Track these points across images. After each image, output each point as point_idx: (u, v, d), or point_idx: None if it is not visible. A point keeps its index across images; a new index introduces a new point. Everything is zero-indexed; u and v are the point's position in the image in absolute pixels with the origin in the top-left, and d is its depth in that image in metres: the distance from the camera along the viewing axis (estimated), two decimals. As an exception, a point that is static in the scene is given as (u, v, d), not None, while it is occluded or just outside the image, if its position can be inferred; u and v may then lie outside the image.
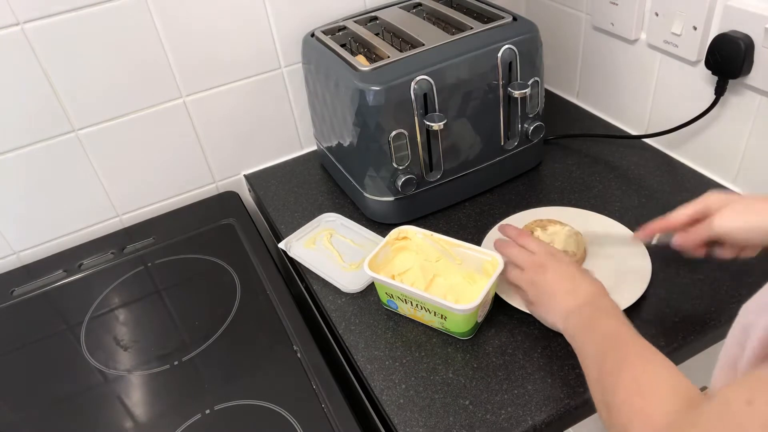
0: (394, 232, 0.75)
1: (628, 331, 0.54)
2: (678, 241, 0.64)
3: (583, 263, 0.74)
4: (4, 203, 0.88)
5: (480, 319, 0.69)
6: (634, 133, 0.98)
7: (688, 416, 0.40)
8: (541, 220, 0.78)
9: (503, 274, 0.69)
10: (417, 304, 0.69)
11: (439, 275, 0.73)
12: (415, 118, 0.77)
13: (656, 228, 0.66)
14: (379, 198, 0.84)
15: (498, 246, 0.71)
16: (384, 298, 0.73)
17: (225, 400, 0.67)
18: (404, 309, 0.72)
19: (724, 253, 0.63)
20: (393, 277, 0.72)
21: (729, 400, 0.36)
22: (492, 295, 0.70)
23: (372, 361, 0.68)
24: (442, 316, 0.67)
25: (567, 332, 0.61)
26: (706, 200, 0.62)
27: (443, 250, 0.74)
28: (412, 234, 0.76)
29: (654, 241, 0.68)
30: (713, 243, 0.63)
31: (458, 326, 0.67)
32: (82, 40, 0.81)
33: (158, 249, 0.91)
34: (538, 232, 0.75)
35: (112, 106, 0.88)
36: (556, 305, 0.63)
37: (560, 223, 0.76)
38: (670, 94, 0.89)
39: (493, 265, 0.69)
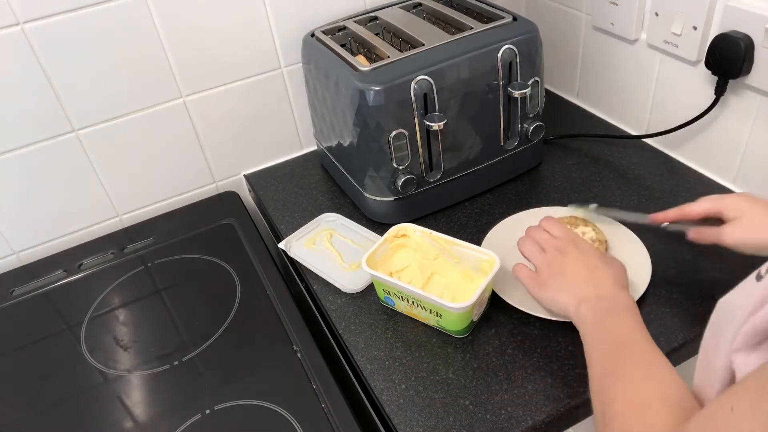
0: (393, 230, 0.76)
1: (635, 336, 0.54)
2: (693, 236, 0.67)
3: None
4: (4, 203, 0.88)
5: (476, 318, 0.69)
6: (634, 133, 0.98)
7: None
8: (573, 218, 0.78)
9: (520, 250, 0.69)
10: (413, 302, 0.69)
11: (437, 273, 0.73)
12: (415, 118, 0.77)
13: (671, 216, 0.69)
14: (379, 198, 0.84)
15: (526, 232, 0.71)
16: (381, 295, 0.73)
17: (225, 400, 0.67)
18: (401, 306, 0.72)
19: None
20: (391, 275, 0.72)
21: (714, 409, 0.37)
22: (488, 294, 0.70)
23: (372, 361, 0.68)
24: (437, 314, 0.67)
25: (577, 320, 0.60)
26: (724, 203, 0.65)
27: (441, 249, 0.74)
28: (410, 232, 0.76)
29: (664, 226, 0.71)
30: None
31: (454, 324, 0.67)
32: (82, 40, 0.81)
33: (158, 249, 0.91)
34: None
35: (112, 106, 0.88)
36: (570, 290, 0.62)
37: (592, 226, 0.77)
38: (670, 94, 0.89)
39: (490, 264, 0.69)
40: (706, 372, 0.44)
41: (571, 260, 0.64)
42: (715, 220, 0.66)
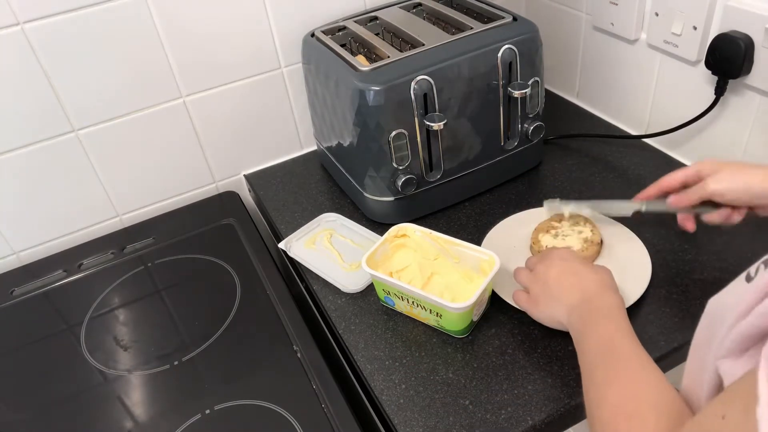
0: (393, 230, 0.76)
1: (624, 342, 0.53)
2: (672, 200, 0.67)
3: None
4: (4, 203, 0.88)
5: (476, 318, 0.69)
6: (634, 133, 0.98)
7: None
8: (572, 216, 0.78)
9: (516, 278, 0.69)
10: (413, 302, 0.69)
11: (437, 273, 0.73)
12: (415, 118, 0.77)
13: (651, 192, 0.69)
14: (379, 198, 0.84)
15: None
16: (381, 295, 0.73)
17: (225, 400, 0.67)
18: (401, 306, 0.72)
19: (711, 218, 0.66)
20: (391, 275, 0.72)
21: (705, 416, 0.36)
22: (488, 294, 0.70)
23: (372, 361, 0.68)
24: (437, 314, 0.67)
25: (570, 330, 0.60)
26: (698, 165, 0.65)
27: (441, 249, 0.74)
28: (410, 232, 0.76)
29: (644, 208, 0.70)
30: (702, 208, 0.67)
31: (453, 324, 0.67)
32: (82, 40, 0.81)
33: (158, 249, 0.91)
34: (548, 238, 0.76)
35: (112, 106, 0.88)
36: (559, 301, 0.62)
37: (590, 226, 0.76)
38: (670, 94, 0.89)
39: (490, 264, 0.69)
40: (696, 374, 0.43)
41: (555, 270, 0.64)
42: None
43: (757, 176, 0.61)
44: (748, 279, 0.40)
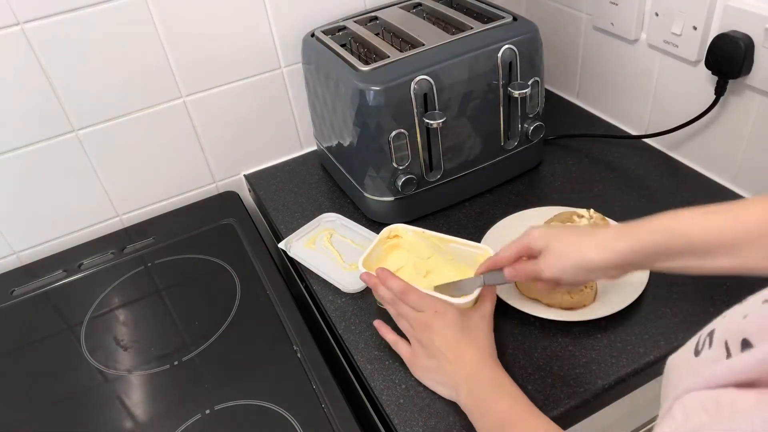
0: (386, 231, 0.75)
1: (511, 414, 0.54)
2: (508, 274, 0.63)
3: None
4: (5, 203, 0.88)
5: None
6: (634, 133, 0.98)
7: None
8: (568, 213, 0.75)
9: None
10: None
11: (432, 272, 0.73)
12: (415, 118, 0.77)
13: (485, 267, 0.65)
14: (379, 198, 0.84)
15: (393, 305, 0.66)
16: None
17: (225, 400, 0.67)
18: None
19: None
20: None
21: None
22: None
23: (372, 361, 0.68)
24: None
25: (463, 407, 0.59)
26: (529, 238, 0.62)
27: (435, 247, 0.74)
28: (402, 232, 0.75)
29: (483, 282, 0.65)
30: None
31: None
32: (81, 40, 0.81)
33: (158, 249, 0.91)
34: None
35: (112, 106, 0.88)
36: (445, 378, 0.62)
37: (587, 216, 0.74)
38: (670, 94, 0.89)
39: (484, 258, 0.69)
40: None
41: (437, 336, 0.61)
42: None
43: (586, 251, 0.57)
44: (696, 353, 0.38)
